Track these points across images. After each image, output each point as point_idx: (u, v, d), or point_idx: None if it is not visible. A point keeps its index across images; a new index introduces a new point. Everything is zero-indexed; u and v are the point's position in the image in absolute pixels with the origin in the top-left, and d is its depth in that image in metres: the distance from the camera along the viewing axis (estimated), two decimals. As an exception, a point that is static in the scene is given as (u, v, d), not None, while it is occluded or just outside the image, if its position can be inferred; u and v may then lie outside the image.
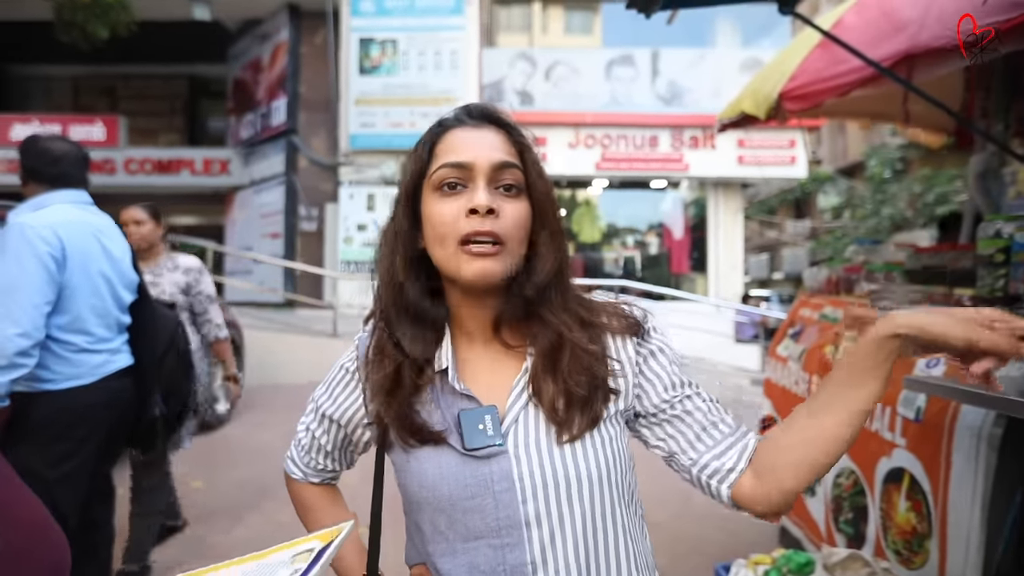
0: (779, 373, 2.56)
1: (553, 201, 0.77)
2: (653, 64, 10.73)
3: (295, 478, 0.92)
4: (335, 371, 0.85)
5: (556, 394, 0.73)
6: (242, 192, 11.20)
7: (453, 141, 0.74)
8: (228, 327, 5.06)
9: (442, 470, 0.73)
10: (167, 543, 2.90)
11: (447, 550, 0.74)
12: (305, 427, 0.89)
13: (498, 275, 0.71)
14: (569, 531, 0.71)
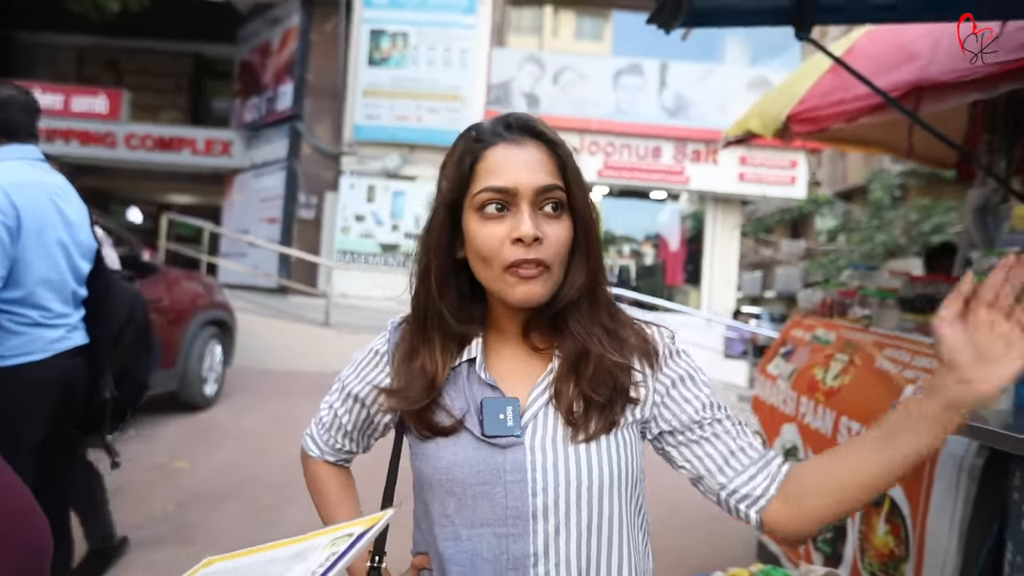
0: (768, 391, 2.58)
1: (591, 218, 0.77)
2: (661, 75, 10.78)
3: (312, 455, 0.94)
4: (365, 353, 0.87)
5: (575, 397, 0.74)
6: (242, 175, 11.16)
7: (495, 160, 0.73)
8: (221, 309, 5.07)
9: (457, 455, 0.74)
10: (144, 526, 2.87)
11: (452, 535, 0.75)
12: (328, 406, 0.91)
13: (543, 297, 0.73)
14: (574, 528, 0.72)
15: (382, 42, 9.96)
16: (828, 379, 2.20)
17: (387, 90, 9.94)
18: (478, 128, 0.77)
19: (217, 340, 4.97)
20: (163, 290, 4.28)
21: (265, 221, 10.47)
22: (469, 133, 0.77)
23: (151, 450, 3.87)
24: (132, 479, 3.39)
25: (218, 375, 5.02)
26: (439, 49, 9.98)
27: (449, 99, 10.05)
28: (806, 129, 2.23)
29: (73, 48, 13.23)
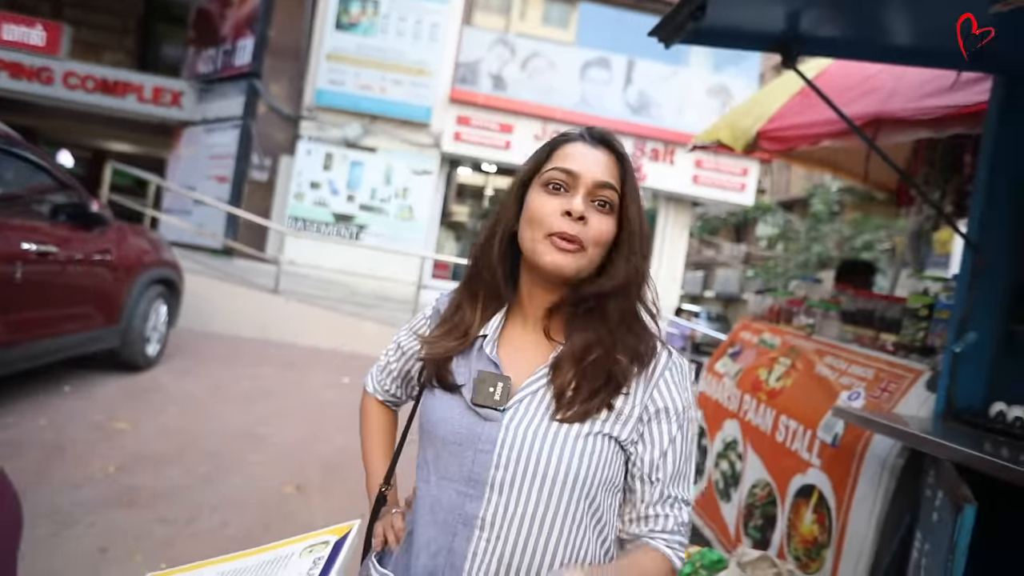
0: (713, 387, 2.75)
1: (639, 224, 0.85)
2: (628, 72, 10.93)
3: (368, 390, 1.08)
4: (419, 315, 1.02)
5: (571, 379, 0.82)
6: (192, 128, 10.67)
7: (571, 151, 0.85)
8: (169, 267, 4.90)
9: (446, 413, 0.85)
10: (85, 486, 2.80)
11: (425, 478, 0.86)
12: (385, 352, 1.06)
13: (570, 270, 0.82)
14: (521, 509, 0.79)
15: (351, 6, 9.69)
16: (771, 380, 2.37)
17: (352, 57, 9.69)
18: (569, 130, 0.90)
19: (163, 299, 4.81)
20: (111, 243, 4.10)
21: (214, 179, 10.07)
22: (561, 133, 0.90)
23: (89, 408, 3.74)
24: (71, 437, 3.29)
25: (161, 335, 4.86)
26: (409, 21, 9.79)
27: (415, 73, 9.89)
28: (775, 147, 2.38)
29: (8, -28, 12.23)
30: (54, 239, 3.58)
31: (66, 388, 4.01)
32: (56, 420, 3.49)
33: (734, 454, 2.50)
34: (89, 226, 3.89)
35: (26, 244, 3.34)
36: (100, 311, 4.05)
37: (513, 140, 10.59)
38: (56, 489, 2.71)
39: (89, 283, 3.95)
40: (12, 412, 3.48)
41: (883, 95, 1.98)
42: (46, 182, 3.78)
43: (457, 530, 0.81)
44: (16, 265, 3.26)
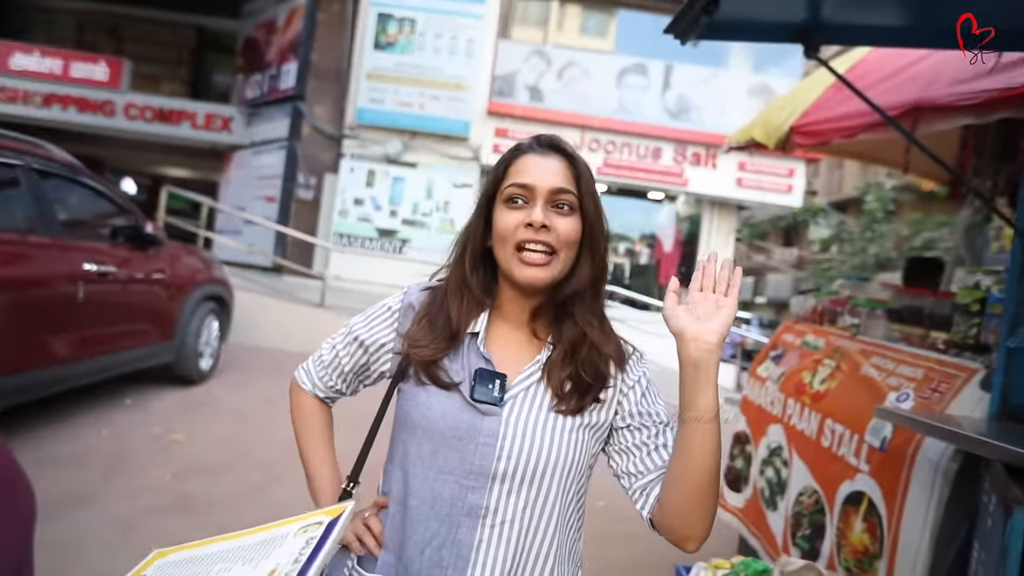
0: (757, 392, 2.68)
1: (599, 220, 0.92)
2: (665, 77, 10.83)
3: (303, 387, 1.04)
4: (377, 307, 0.99)
5: (567, 377, 0.88)
6: (241, 152, 11.12)
7: (524, 164, 0.90)
8: (220, 285, 5.10)
9: (445, 408, 0.87)
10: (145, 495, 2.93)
11: (422, 474, 0.87)
12: (331, 346, 1.01)
13: (545, 282, 0.88)
14: (524, 494, 0.85)
15: (389, 26, 9.94)
16: (815, 383, 2.29)
17: (391, 75, 9.93)
18: (520, 143, 0.94)
19: (215, 316, 5.00)
20: (165, 263, 4.31)
21: (263, 199, 10.45)
22: (514, 147, 0.94)
23: (147, 420, 3.91)
24: (131, 447, 3.45)
25: (214, 350, 5.05)
26: (445, 37, 9.97)
27: (452, 88, 10.06)
28: (808, 142, 2.31)
29: (71, 12, 13.07)
30: (113, 260, 3.78)
31: (127, 401, 4.21)
32: (117, 431, 3.67)
33: (779, 460, 2.42)
34: (145, 247, 4.10)
35: (88, 265, 3.53)
36: (156, 327, 4.25)
37: (552, 150, 10.61)
38: (118, 497, 2.85)
39: (145, 301, 4.14)
40: (77, 424, 3.68)
41: (924, 82, 1.90)
42: (106, 206, 4.01)
43: (461, 522, 0.84)
44: (79, 285, 3.46)
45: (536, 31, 11.72)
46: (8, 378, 3.08)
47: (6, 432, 3.36)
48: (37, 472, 3.01)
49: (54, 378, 3.41)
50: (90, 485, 2.92)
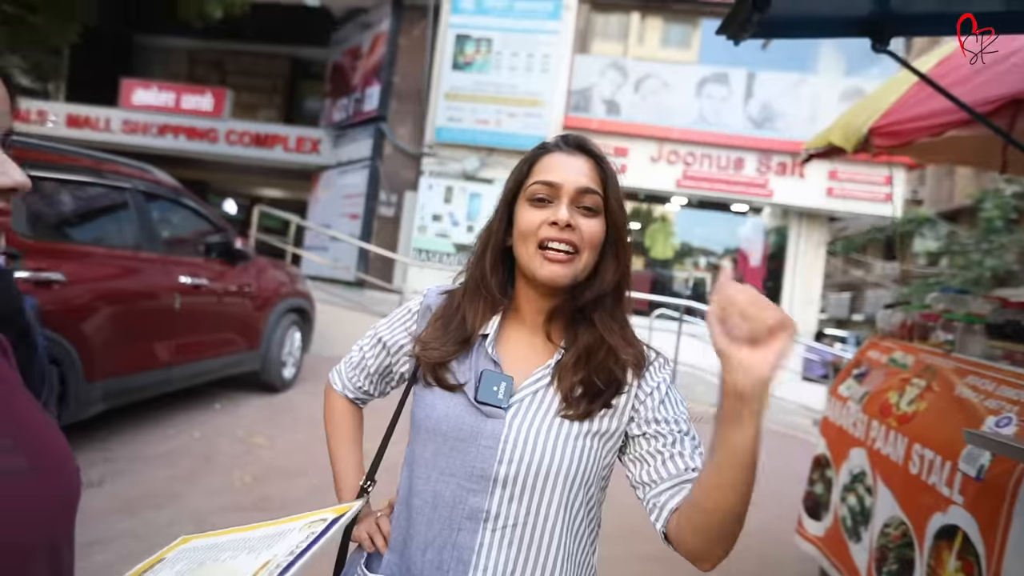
0: (837, 412, 2.49)
1: (624, 224, 0.90)
2: (748, 85, 10.46)
3: (334, 388, 1.07)
4: (401, 310, 1.01)
5: (578, 382, 0.86)
6: (328, 172, 11.71)
7: (550, 163, 0.89)
8: (302, 298, 5.36)
9: (449, 409, 0.86)
10: (227, 493, 3.11)
11: (425, 475, 0.87)
12: (359, 348, 1.04)
13: (567, 279, 0.86)
14: (526, 502, 0.83)
15: (466, 47, 10.21)
16: (902, 404, 2.11)
17: (468, 94, 10.17)
18: (545, 141, 0.93)
19: (297, 327, 5.26)
20: (252, 276, 4.58)
21: (347, 217, 10.94)
22: (539, 145, 0.93)
23: (234, 424, 4.15)
24: (218, 449, 3.67)
25: (296, 360, 5.31)
26: (522, 54, 10.12)
27: (528, 104, 10.17)
28: (888, 143, 2.14)
29: (185, 50, 14.34)
30: (206, 273, 4.07)
31: (216, 406, 4.49)
32: (207, 433, 3.91)
33: (862, 487, 2.23)
34: (235, 261, 4.38)
35: (184, 278, 3.82)
36: (244, 337, 4.52)
37: (629, 163, 10.46)
38: (200, 494, 3.03)
39: (234, 312, 4.42)
40: (173, 425, 3.96)
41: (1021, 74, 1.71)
42: (201, 224, 4.33)
43: (462, 524, 0.83)
44: (176, 296, 3.74)
45: (616, 45, 11.65)
46: (116, 380, 3.37)
47: (110, 430, 3.68)
48: (133, 467, 3.26)
49: (155, 381, 3.70)
50: (177, 482, 3.13)
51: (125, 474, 3.17)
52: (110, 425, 3.73)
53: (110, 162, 3.70)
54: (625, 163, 10.48)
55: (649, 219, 11.81)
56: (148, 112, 11.99)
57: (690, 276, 12.32)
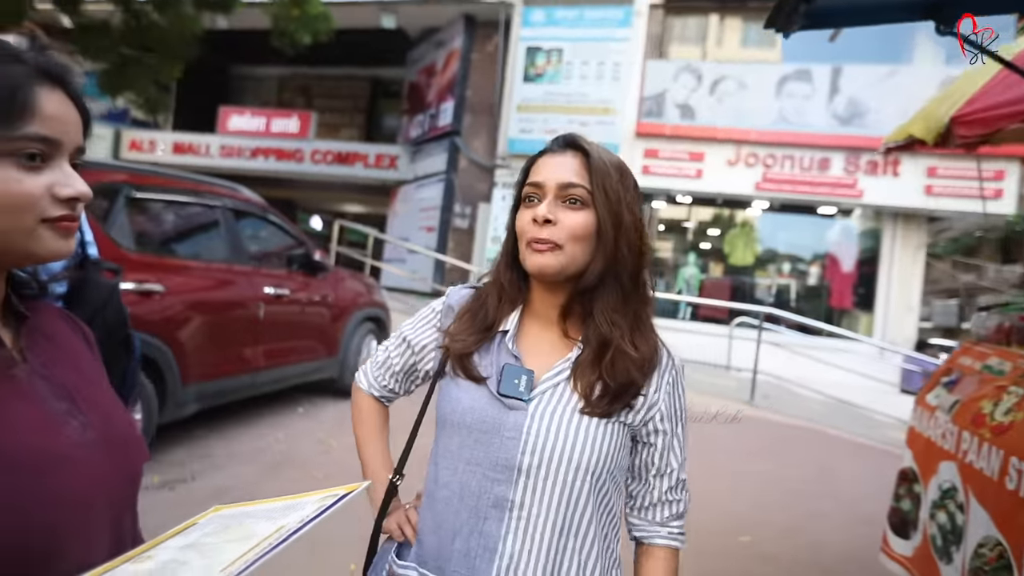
0: (925, 423, 2.31)
1: (616, 214, 0.89)
2: (832, 81, 9.93)
3: (361, 387, 1.11)
4: (425, 310, 1.06)
5: (595, 381, 0.88)
6: (405, 186, 12.12)
7: (540, 165, 0.92)
8: (378, 307, 5.57)
9: (473, 402, 0.90)
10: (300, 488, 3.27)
11: (452, 466, 0.90)
12: (385, 348, 1.09)
13: (552, 268, 0.88)
14: (548, 491, 0.86)
15: (537, 59, 10.32)
16: (997, 414, 1.93)
17: (540, 105, 10.26)
18: (545, 146, 0.96)
19: (373, 335, 5.47)
20: (331, 287, 4.82)
21: (424, 229, 11.27)
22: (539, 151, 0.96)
23: (314, 427, 4.37)
24: (298, 450, 3.88)
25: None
26: (592, 63, 10.11)
27: (600, 112, 10.13)
28: (972, 132, 1.97)
29: (275, 78, 15.34)
30: (288, 284, 4.32)
31: (299, 410, 4.74)
32: (290, 434, 4.14)
33: (953, 504, 2.05)
34: (314, 273, 4.63)
35: (268, 289, 4.08)
36: (323, 344, 4.75)
37: (705, 168, 10.19)
38: (277, 491, 3.20)
39: (314, 320, 4.66)
40: (260, 426, 4.22)
41: None
42: (284, 239, 4.61)
43: (488, 513, 0.86)
44: (261, 306, 4.00)
45: (694, 48, 11.39)
46: (208, 384, 3.65)
47: (206, 428, 3.97)
48: (226, 463, 3.50)
49: (242, 385, 3.97)
50: (259, 478, 3.33)
51: (219, 468, 3.42)
52: (209, 424, 4.02)
53: (205, 183, 4.02)
54: (701, 168, 10.21)
55: (729, 224, 11.42)
56: (242, 136, 12.89)
57: (773, 282, 11.79)
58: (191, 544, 0.56)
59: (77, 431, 0.62)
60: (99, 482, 0.62)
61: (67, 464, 0.59)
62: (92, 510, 0.60)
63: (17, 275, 0.67)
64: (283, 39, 6.63)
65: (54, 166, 0.59)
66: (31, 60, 0.59)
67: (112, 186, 3.25)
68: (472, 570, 0.86)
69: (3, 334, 0.62)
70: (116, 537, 0.64)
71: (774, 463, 4.75)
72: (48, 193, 0.58)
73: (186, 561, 0.52)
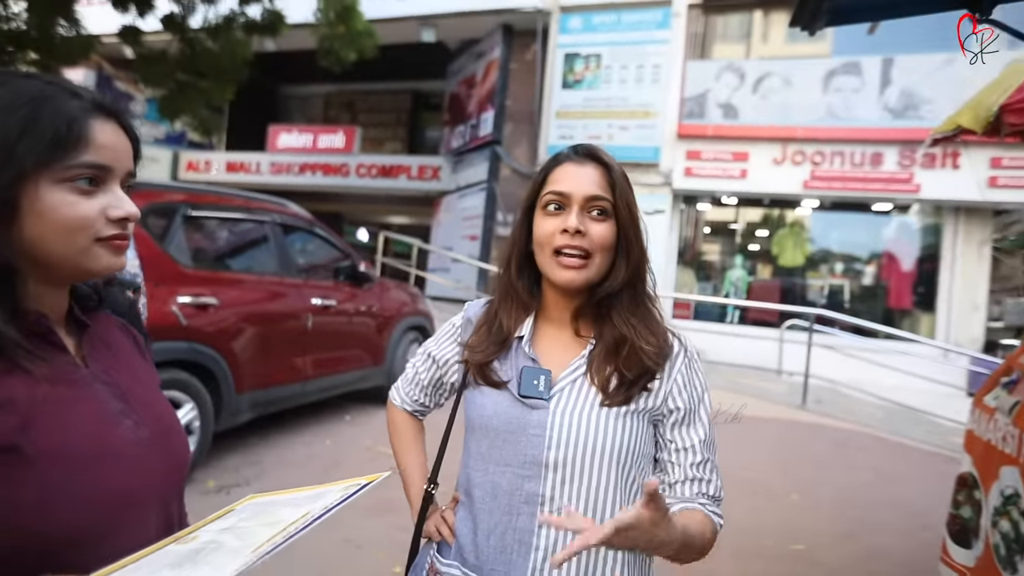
0: (984, 426, 2.20)
1: (633, 225, 0.95)
2: (884, 72, 9.57)
3: (395, 403, 1.19)
4: (445, 326, 1.13)
5: (611, 374, 0.93)
6: (448, 196, 12.29)
7: (562, 172, 0.96)
8: (422, 316, 5.66)
9: (497, 407, 0.95)
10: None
11: (482, 468, 0.96)
12: (412, 365, 1.17)
13: (580, 283, 0.93)
14: (577, 481, 0.90)
15: (576, 65, 10.33)
16: None
17: (579, 111, 10.25)
18: (559, 152, 1.00)
19: (418, 344, 5.56)
20: (376, 297, 4.94)
21: (467, 238, 11.38)
22: (553, 156, 1.00)
23: (361, 434, 4.48)
24: (346, 456, 3.99)
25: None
26: (631, 67, 10.05)
27: (640, 116, 10.05)
28: (1022, 120, 1.88)
29: (321, 95, 15.82)
30: (334, 295, 4.45)
31: (347, 417, 4.86)
32: (338, 441, 4.25)
33: (1017, 511, 1.95)
34: (360, 284, 4.75)
35: (315, 300, 4.21)
36: (369, 353, 4.86)
37: (749, 168, 9.97)
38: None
39: (360, 330, 4.78)
40: (308, 433, 4.35)
41: None
42: (330, 251, 4.75)
43: (520, 509, 0.91)
44: (308, 317, 4.13)
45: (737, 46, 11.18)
46: (261, 392, 3.79)
47: (258, 436, 4.12)
48: (276, 470, 3.63)
49: (293, 394, 4.10)
50: (308, 483, 3.41)
51: (269, 475, 3.54)
52: (261, 432, 4.17)
53: (255, 200, 4.19)
54: (746, 168, 9.99)
55: (778, 225, 11.11)
56: (290, 153, 13.34)
57: (825, 283, 11.40)
58: (228, 527, 0.62)
59: (131, 429, 0.69)
60: (149, 474, 0.69)
61: (121, 460, 0.66)
62: (143, 498, 0.68)
63: (79, 288, 0.74)
64: (330, 57, 6.84)
65: (107, 190, 0.66)
66: (87, 95, 0.67)
67: (170, 206, 3.43)
68: (509, 565, 0.90)
69: (67, 342, 0.70)
70: (166, 522, 0.72)
71: (827, 469, 4.59)
72: (102, 215, 0.65)
73: (223, 542, 0.58)
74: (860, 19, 1.32)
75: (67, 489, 0.59)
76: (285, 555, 0.52)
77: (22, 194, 0.61)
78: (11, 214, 0.61)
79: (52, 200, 0.62)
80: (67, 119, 0.63)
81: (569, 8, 10.40)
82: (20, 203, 0.61)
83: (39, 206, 0.61)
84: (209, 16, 7.05)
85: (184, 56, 7.08)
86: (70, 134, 0.63)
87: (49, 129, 0.62)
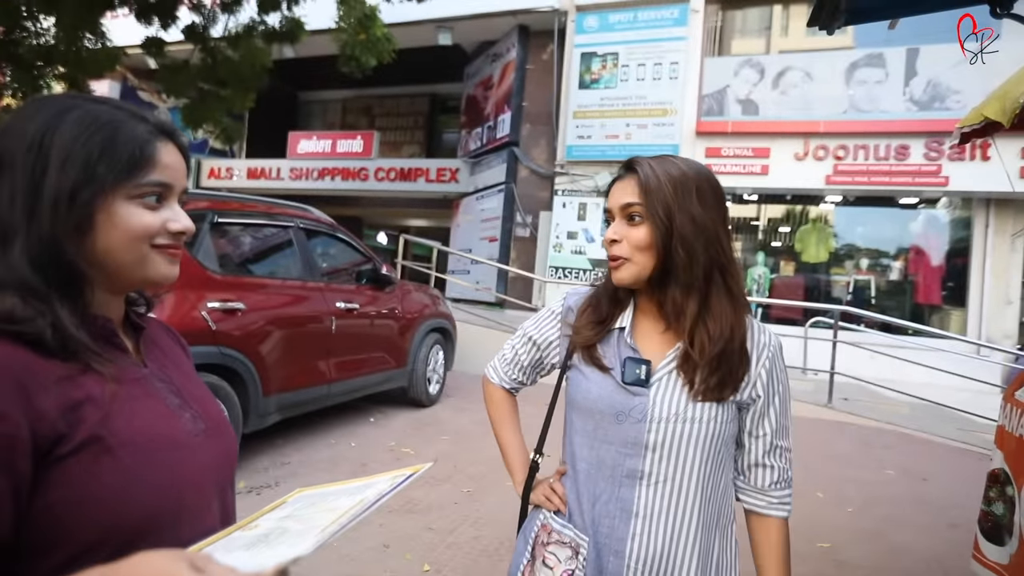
0: (1016, 421, 2.16)
1: (672, 223, 1.00)
2: (908, 63, 9.40)
3: (492, 382, 1.29)
4: (544, 311, 1.24)
5: (698, 371, 1.03)
6: (467, 198, 12.33)
7: (611, 192, 1.09)
8: (444, 318, 5.70)
9: (602, 391, 1.07)
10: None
11: (587, 444, 1.08)
12: (511, 347, 1.27)
13: (627, 280, 1.05)
14: (672, 459, 1.02)
15: (592, 64, 10.30)
16: None
17: (597, 110, 10.22)
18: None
19: (440, 346, 5.60)
20: (397, 300, 4.99)
21: (486, 240, 11.42)
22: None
23: (385, 436, 4.52)
24: (371, 457, 4.03)
25: (440, 377, 5.64)
26: (648, 65, 9.99)
27: (658, 114, 9.99)
28: None
29: (340, 100, 15.98)
30: (357, 298, 4.50)
31: (371, 419, 4.92)
32: (362, 443, 4.30)
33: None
34: (381, 287, 4.80)
35: (338, 303, 4.27)
36: (392, 355, 4.91)
37: (771, 164, 9.85)
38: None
39: (382, 333, 4.83)
40: (333, 435, 4.41)
41: None
42: (352, 254, 4.81)
43: (622, 482, 1.04)
44: (332, 320, 4.19)
45: (757, 40, 11.05)
46: (287, 395, 3.85)
47: (284, 437, 4.18)
48: (302, 470, 3.68)
49: (318, 396, 4.16)
50: (337, 486, 3.47)
51: (296, 475, 3.60)
52: (286, 434, 4.24)
53: (277, 206, 4.26)
54: (767, 164, 9.88)
55: (800, 221, 10.96)
56: (310, 159, 13.50)
57: (850, 279, 11.21)
58: (288, 516, 0.66)
59: (190, 422, 0.75)
60: (209, 464, 0.75)
61: (185, 450, 0.72)
62: (206, 485, 0.74)
63: (129, 295, 0.80)
64: (350, 63, 6.91)
65: (168, 205, 0.74)
66: (152, 119, 0.74)
67: (198, 213, 3.50)
68: (612, 528, 1.04)
69: (127, 344, 0.76)
70: (223, 508, 0.77)
71: (853, 467, 4.53)
72: (163, 227, 0.72)
73: (287, 528, 0.61)
74: (879, 17, 1.31)
75: (145, 476, 0.65)
76: (314, 556, 0.55)
77: (99, 209, 0.68)
78: (88, 227, 0.68)
79: (124, 214, 0.69)
80: (139, 142, 0.70)
81: (585, 7, 10.38)
82: (96, 217, 0.68)
83: (113, 220, 0.69)
84: (230, 25, 7.19)
85: (206, 65, 7.21)
86: (142, 156, 0.70)
87: (125, 151, 0.69)
